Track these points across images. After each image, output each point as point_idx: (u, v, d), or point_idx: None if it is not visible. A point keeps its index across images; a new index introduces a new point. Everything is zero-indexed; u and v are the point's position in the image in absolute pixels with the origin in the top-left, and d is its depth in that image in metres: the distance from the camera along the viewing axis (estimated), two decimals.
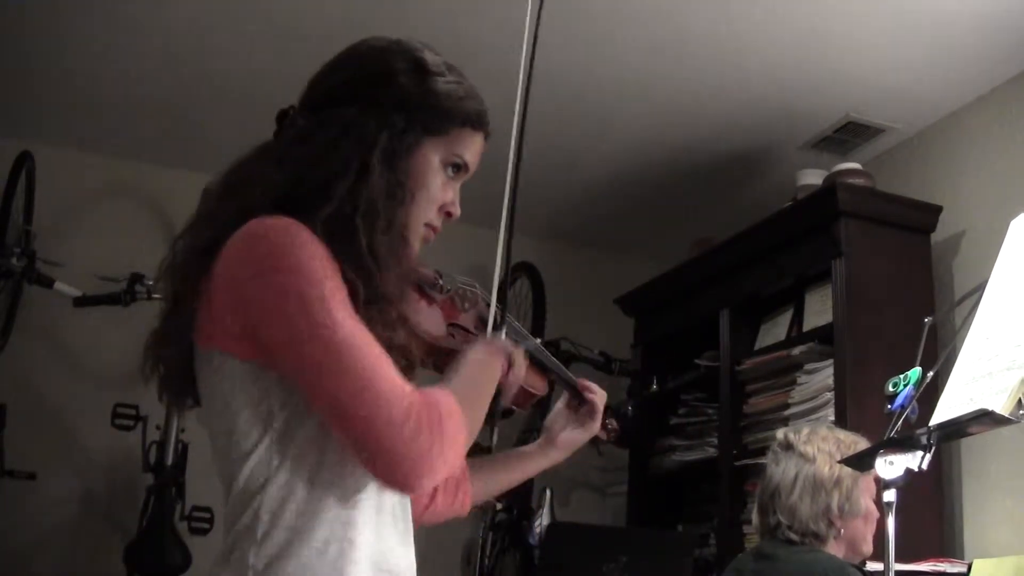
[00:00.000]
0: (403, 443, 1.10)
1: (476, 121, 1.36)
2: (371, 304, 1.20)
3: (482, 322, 1.43)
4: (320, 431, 1.19)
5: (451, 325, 1.41)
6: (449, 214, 1.37)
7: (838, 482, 2.20)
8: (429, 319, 1.37)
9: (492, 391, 1.31)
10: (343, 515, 1.19)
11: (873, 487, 2.24)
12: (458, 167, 1.36)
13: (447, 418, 1.14)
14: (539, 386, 1.56)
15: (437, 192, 1.34)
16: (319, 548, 1.17)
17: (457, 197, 1.37)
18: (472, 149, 1.37)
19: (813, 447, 2.26)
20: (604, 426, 1.72)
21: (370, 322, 1.18)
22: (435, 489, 1.51)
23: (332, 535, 1.18)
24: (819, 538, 2.20)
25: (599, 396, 1.63)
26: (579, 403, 1.63)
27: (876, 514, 2.24)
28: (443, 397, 1.17)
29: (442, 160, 1.34)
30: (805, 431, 2.33)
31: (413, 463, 1.11)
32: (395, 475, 1.12)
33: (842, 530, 2.20)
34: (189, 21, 3.17)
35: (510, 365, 1.36)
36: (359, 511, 1.21)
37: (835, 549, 2.20)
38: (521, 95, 1.39)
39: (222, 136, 3.76)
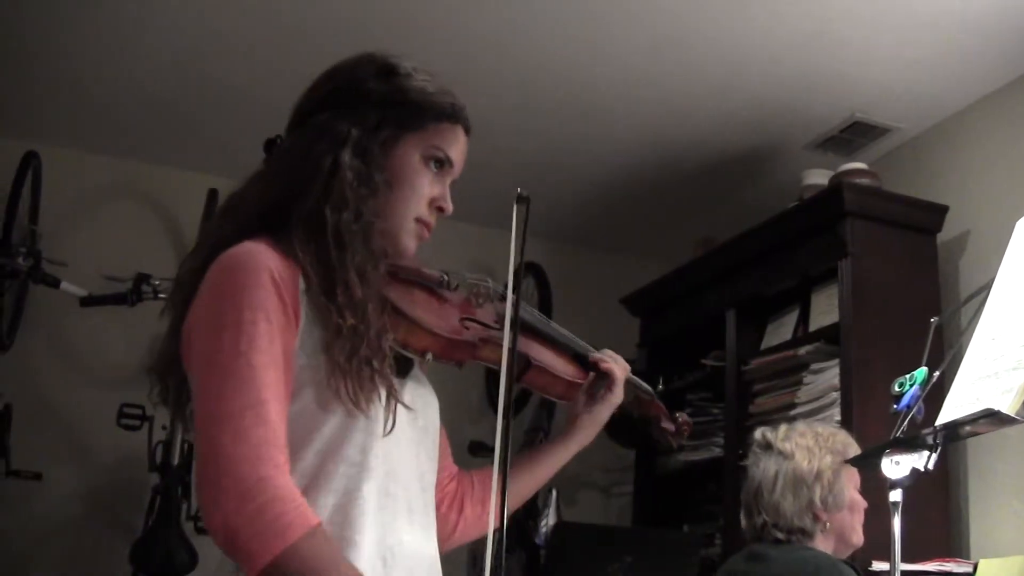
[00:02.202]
0: (233, 515, 1.08)
1: (451, 114, 1.37)
2: (333, 290, 1.22)
3: (499, 316, 1.43)
4: (298, 432, 1.20)
5: (465, 319, 1.41)
6: (440, 209, 1.37)
7: (818, 475, 2.19)
8: (436, 314, 1.38)
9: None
10: (338, 517, 1.19)
11: (857, 477, 2.23)
12: (441, 162, 1.36)
13: (281, 528, 1.08)
14: (578, 374, 1.57)
15: (424, 187, 1.35)
16: None
17: (447, 192, 1.38)
18: (453, 144, 1.37)
19: (791, 443, 2.25)
20: (674, 419, 1.70)
21: (327, 309, 1.20)
22: (462, 502, 1.51)
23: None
24: (806, 534, 2.18)
25: (618, 367, 1.58)
26: (596, 376, 1.58)
27: (863, 504, 2.23)
28: (300, 514, 1.10)
29: (423, 155, 1.35)
30: (783, 429, 2.32)
31: (227, 531, 1.09)
32: (208, 521, 1.10)
33: (828, 523, 2.19)
34: (194, 22, 3.18)
35: None
36: (358, 510, 1.21)
37: (824, 544, 2.19)
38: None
39: (227, 137, 3.77)
